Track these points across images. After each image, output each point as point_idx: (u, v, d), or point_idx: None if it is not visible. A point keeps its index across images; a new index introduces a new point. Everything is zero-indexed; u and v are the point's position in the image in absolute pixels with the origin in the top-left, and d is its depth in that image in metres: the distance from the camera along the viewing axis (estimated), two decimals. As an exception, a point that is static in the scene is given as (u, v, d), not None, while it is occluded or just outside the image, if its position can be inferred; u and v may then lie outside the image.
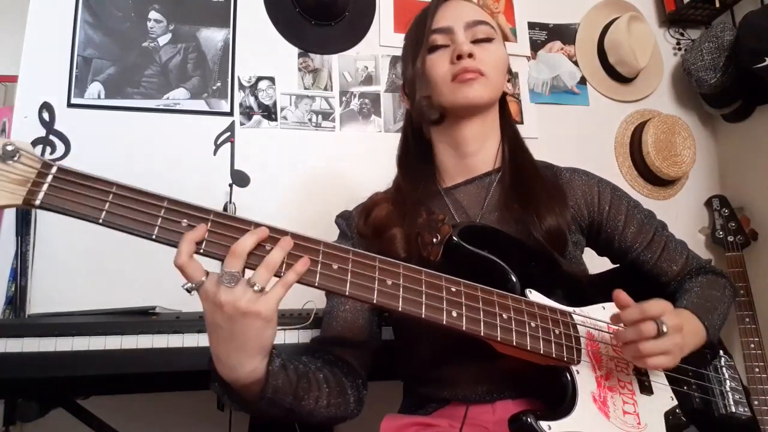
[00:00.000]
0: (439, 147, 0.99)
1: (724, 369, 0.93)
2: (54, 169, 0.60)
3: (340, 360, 0.89)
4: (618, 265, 1.02)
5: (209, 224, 0.63)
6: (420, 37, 0.94)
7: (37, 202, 0.59)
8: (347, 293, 0.66)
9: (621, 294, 0.75)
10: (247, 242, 0.62)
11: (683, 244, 1.01)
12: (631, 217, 0.96)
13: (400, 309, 0.67)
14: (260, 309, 0.62)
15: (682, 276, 0.98)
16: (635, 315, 0.73)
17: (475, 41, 0.91)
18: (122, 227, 0.61)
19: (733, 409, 0.89)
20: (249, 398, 0.71)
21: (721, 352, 0.95)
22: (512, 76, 1.03)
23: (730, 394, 0.90)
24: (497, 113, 0.98)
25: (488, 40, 0.92)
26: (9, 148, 0.58)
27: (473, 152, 0.96)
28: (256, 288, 0.62)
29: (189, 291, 0.63)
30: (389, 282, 0.68)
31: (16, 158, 0.59)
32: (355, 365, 0.89)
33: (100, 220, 0.60)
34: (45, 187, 0.59)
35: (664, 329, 0.71)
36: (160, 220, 0.62)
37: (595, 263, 1.01)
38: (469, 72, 0.88)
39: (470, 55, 0.88)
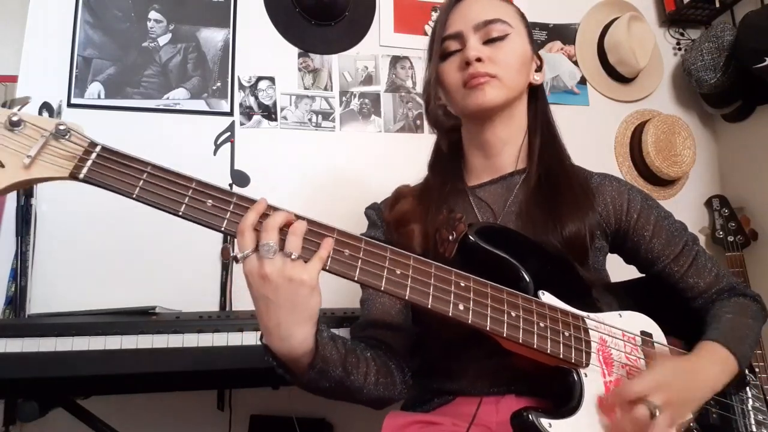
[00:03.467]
0: (467, 147, 0.99)
1: (747, 388, 0.90)
2: (98, 148, 0.67)
3: (382, 343, 0.89)
4: (644, 274, 0.99)
5: (231, 206, 0.67)
6: (433, 40, 0.94)
7: (81, 176, 0.65)
8: (356, 278, 0.68)
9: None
10: (277, 218, 0.66)
11: (713, 261, 0.97)
12: (660, 227, 0.94)
13: (406, 297, 0.69)
14: (303, 276, 0.65)
15: (710, 293, 0.94)
16: (619, 400, 0.72)
17: (488, 42, 0.90)
18: (153, 203, 0.66)
19: (755, 429, 0.87)
20: (300, 370, 0.73)
21: (746, 370, 0.92)
22: (541, 63, 1.01)
23: (752, 413, 0.88)
24: (524, 109, 0.97)
25: (501, 38, 0.90)
26: (61, 127, 0.66)
27: (498, 152, 0.96)
28: (293, 257, 0.65)
29: (236, 260, 0.67)
30: (398, 271, 0.70)
31: (66, 137, 0.66)
32: (396, 347, 0.90)
33: (134, 195, 0.66)
34: (89, 163, 0.66)
35: (657, 412, 0.69)
36: (187, 198, 0.67)
37: (621, 271, 1.00)
38: (477, 77, 0.88)
39: (479, 60, 0.88)
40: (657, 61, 2.11)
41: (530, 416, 0.71)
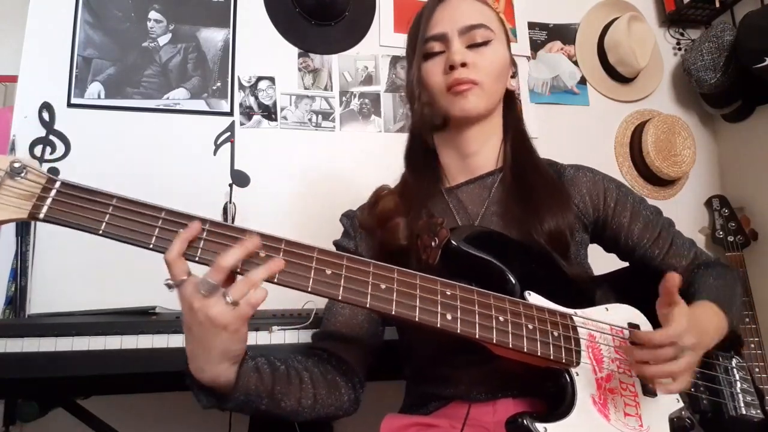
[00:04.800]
0: (442, 148, 0.99)
1: (735, 370, 0.91)
2: (57, 184, 0.63)
3: (334, 357, 0.89)
4: (626, 262, 1.01)
5: (207, 225, 0.65)
6: (414, 40, 0.93)
7: (41, 216, 0.62)
8: (340, 298, 0.67)
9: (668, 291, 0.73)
10: (230, 258, 0.62)
11: (691, 242, 0.99)
12: (637, 213, 0.95)
13: (393, 313, 0.68)
14: (228, 322, 0.63)
15: (689, 270, 0.96)
16: (663, 341, 0.71)
17: (471, 46, 0.90)
18: (121, 238, 0.63)
19: (744, 411, 0.87)
20: (220, 396, 0.72)
21: (732, 352, 0.94)
22: (516, 70, 1.01)
23: (740, 395, 0.89)
24: (500, 112, 0.98)
25: (485, 43, 0.90)
26: (16, 165, 0.62)
27: (475, 152, 0.96)
28: (228, 300, 0.62)
29: (169, 287, 0.64)
30: (383, 286, 0.68)
31: (22, 174, 0.62)
32: (351, 362, 0.89)
33: (100, 231, 0.63)
34: (49, 201, 0.63)
35: (683, 353, 0.71)
36: (157, 230, 0.64)
37: (602, 261, 1.01)
38: (461, 83, 0.88)
39: (464, 65, 0.88)
40: (657, 61, 2.11)
41: (525, 421, 0.71)
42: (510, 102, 1.00)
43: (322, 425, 1.67)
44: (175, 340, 1.09)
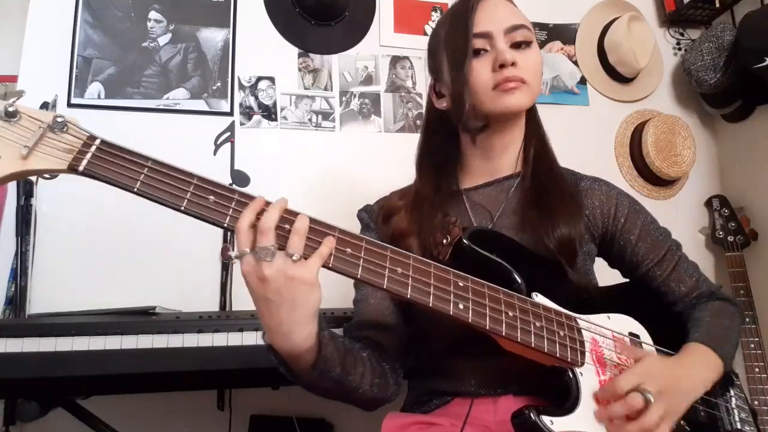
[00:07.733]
0: (467, 148, 0.99)
1: (729, 387, 0.92)
2: (98, 141, 0.66)
3: (376, 344, 0.89)
4: (628, 279, 1.01)
5: (234, 203, 0.67)
6: (458, 38, 0.91)
7: (81, 168, 0.64)
8: (359, 276, 0.68)
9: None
10: (271, 216, 0.65)
11: (695, 266, 0.99)
12: (646, 232, 0.96)
13: (408, 296, 0.69)
14: (303, 275, 0.65)
15: (690, 298, 0.96)
16: (611, 394, 0.73)
17: (515, 45, 0.91)
18: (155, 197, 0.66)
19: (739, 426, 0.89)
20: (302, 368, 0.73)
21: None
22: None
23: (736, 411, 0.90)
24: (524, 116, 0.98)
25: (527, 44, 0.91)
26: (59, 120, 0.65)
27: (498, 155, 0.97)
28: (294, 258, 0.65)
29: (232, 259, 0.67)
30: (399, 270, 0.70)
31: (64, 129, 0.65)
32: (389, 349, 0.90)
33: (135, 189, 0.65)
34: (88, 156, 0.65)
35: (650, 398, 0.71)
36: (189, 194, 0.66)
37: (605, 275, 1.01)
38: (511, 81, 0.88)
39: (513, 63, 0.88)
40: (657, 61, 2.11)
41: (532, 414, 0.72)
42: (532, 107, 0.99)
43: (322, 425, 1.67)
44: (175, 340, 1.09)
